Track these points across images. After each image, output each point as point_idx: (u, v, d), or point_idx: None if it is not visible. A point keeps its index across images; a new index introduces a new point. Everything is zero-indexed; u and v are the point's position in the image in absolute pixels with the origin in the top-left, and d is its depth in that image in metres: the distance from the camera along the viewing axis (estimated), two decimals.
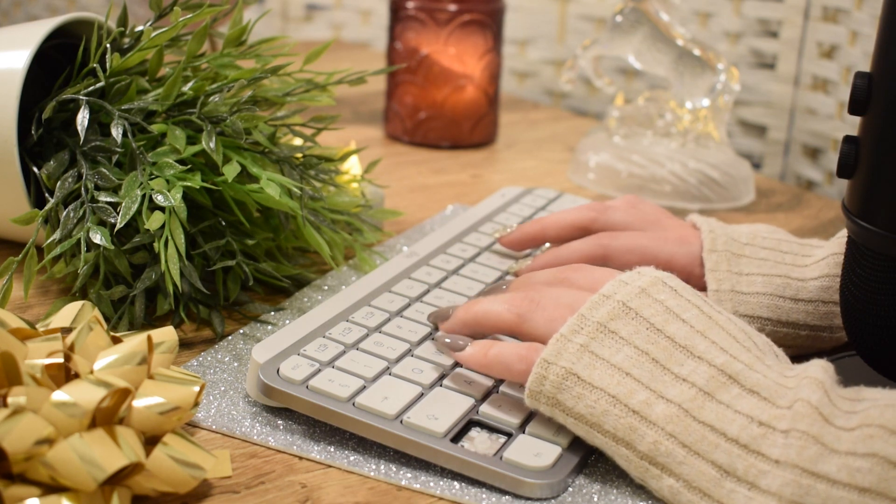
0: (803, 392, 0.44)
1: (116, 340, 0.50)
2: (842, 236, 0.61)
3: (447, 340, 0.54)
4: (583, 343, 0.48)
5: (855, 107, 0.49)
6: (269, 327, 0.62)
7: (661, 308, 0.49)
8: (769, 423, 0.44)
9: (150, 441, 0.46)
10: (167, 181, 0.60)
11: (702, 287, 0.61)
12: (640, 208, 0.67)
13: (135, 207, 0.57)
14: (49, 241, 0.59)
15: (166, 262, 0.56)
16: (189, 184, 0.59)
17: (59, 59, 0.72)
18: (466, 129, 1.04)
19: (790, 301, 0.60)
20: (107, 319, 0.60)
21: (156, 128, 0.62)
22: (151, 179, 0.59)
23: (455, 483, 0.48)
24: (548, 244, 0.68)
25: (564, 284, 0.54)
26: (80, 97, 0.62)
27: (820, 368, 0.46)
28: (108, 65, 0.63)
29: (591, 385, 0.47)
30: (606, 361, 0.47)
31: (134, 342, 0.47)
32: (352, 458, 0.50)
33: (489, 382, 0.53)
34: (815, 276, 0.60)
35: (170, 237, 0.57)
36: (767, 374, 0.46)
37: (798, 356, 0.61)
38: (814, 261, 0.61)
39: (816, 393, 0.44)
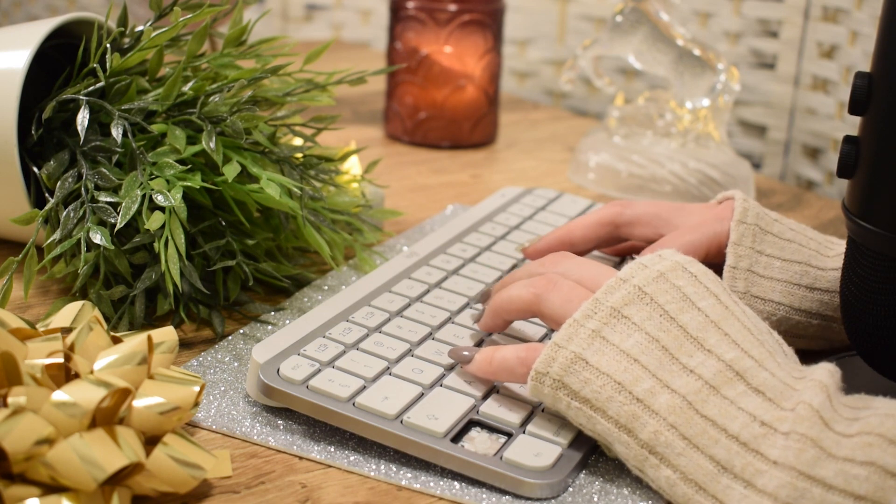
0: (806, 395, 0.44)
1: (116, 340, 0.50)
2: None
3: (463, 353, 0.53)
4: (594, 328, 0.48)
5: (855, 107, 0.49)
6: (269, 327, 0.62)
7: (678, 294, 0.49)
8: (771, 424, 0.44)
9: (150, 441, 0.46)
10: (167, 181, 0.60)
11: None
12: (660, 201, 0.67)
13: (135, 207, 0.57)
14: (49, 241, 0.59)
15: (166, 262, 0.56)
16: (189, 184, 0.59)
17: (59, 59, 0.72)
18: (466, 129, 1.04)
19: (806, 289, 0.59)
20: (107, 319, 0.60)
21: (156, 128, 0.62)
22: (151, 179, 0.59)
23: (455, 483, 0.48)
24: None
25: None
26: (80, 97, 0.62)
27: (826, 372, 0.46)
28: (108, 65, 0.63)
29: (598, 370, 0.47)
30: (616, 347, 0.47)
31: (134, 342, 0.47)
32: (352, 458, 0.50)
33: (489, 382, 0.53)
34: (834, 266, 0.60)
35: (170, 237, 0.57)
36: (776, 372, 0.46)
37: (806, 352, 0.61)
38: (836, 253, 0.61)
39: (819, 397, 0.44)
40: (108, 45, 0.64)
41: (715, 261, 0.62)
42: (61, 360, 0.46)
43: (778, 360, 0.47)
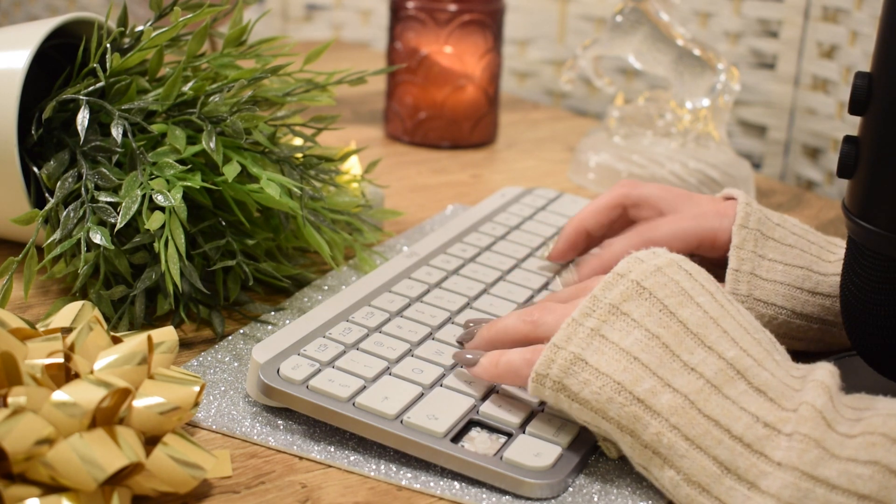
0: (809, 396, 0.44)
1: (116, 340, 0.50)
2: None
3: (467, 356, 0.53)
4: (593, 327, 0.48)
5: (855, 107, 0.49)
6: (269, 327, 0.62)
7: (676, 288, 0.49)
8: (774, 426, 0.44)
9: (150, 441, 0.46)
10: (167, 181, 0.60)
11: None
12: (668, 187, 0.67)
13: (135, 207, 0.57)
14: (49, 241, 0.59)
15: (166, 262, 0.56)
16: (189, 184, 0.59)
17: (59, 59, 0.72)
18: (466, 129, 1.04)
19: (808, 293, 0.59)
20: (107, 319, 0.60)
21: (156, 128, 0.62)
22: (151, 179, 0.59)
23: (455, 483, 0.48)
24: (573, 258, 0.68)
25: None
26: (80, 97, 0.62)
27: (827, 373, 0.46)
28: (108, 65, 0.63)
29: (598, 371, 0.47)
30: (616, 345, 0.47)
31: (134, 342, 0.47)
32: (352, 458, 0.50)
33: (489, 382, 0.53)
34: (835, 271, 0.60)
35: (170, 237, 0.57)
36: (775, 372, 0.46)
37: (803, 354, 0.61)
38: (837, 258, 0.61)
39: (822, 398, 0.44)
40: (108, 45, 0.64)
41: (707, 254, 0.62)
42: (61, 360, 0.46)
43: (776, 359, 0.47)
